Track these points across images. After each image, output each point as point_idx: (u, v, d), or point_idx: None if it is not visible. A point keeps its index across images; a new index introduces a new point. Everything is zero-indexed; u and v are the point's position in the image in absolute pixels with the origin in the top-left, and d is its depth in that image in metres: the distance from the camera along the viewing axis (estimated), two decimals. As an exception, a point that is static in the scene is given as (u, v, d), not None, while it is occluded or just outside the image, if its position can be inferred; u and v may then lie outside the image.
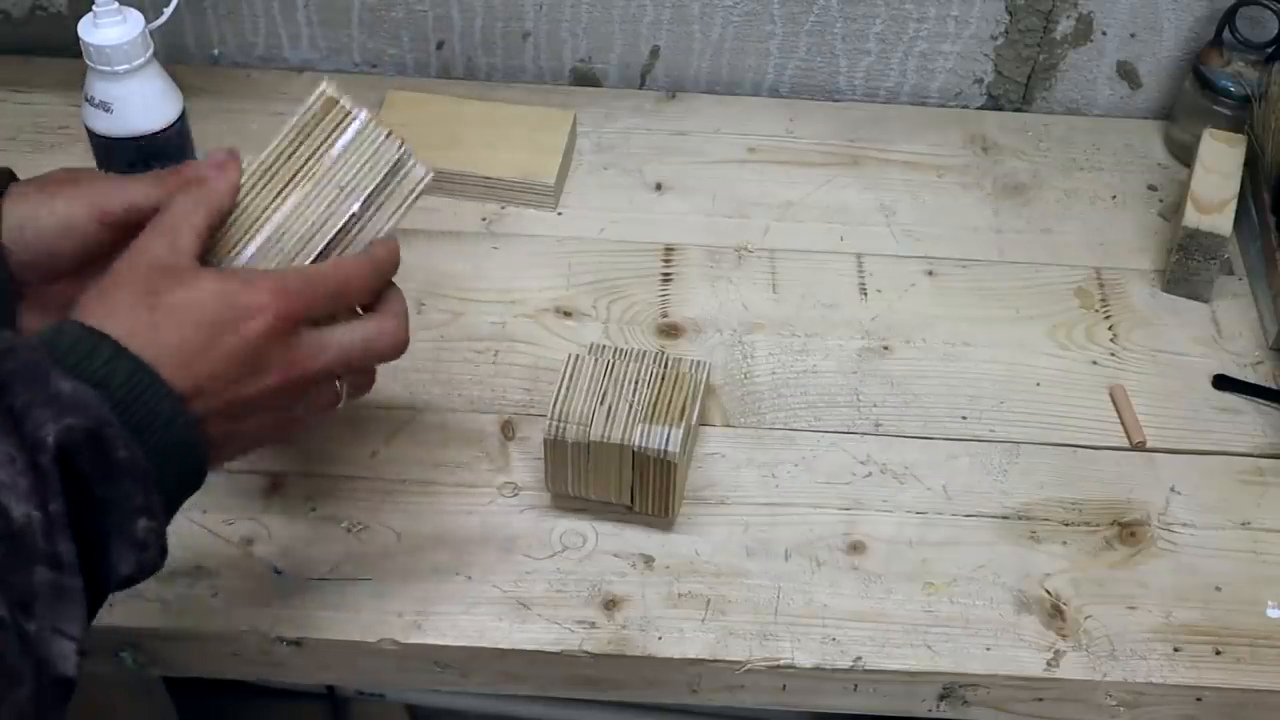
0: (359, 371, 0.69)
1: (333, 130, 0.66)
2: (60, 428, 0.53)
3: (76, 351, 0.57)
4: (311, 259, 0.66)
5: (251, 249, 0.65)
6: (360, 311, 0.67)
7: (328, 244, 0.66)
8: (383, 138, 0.66)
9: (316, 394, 0.66)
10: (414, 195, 0.68)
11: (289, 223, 0.66)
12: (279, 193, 0.65)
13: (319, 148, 0.66)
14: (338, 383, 0.67)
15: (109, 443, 0.55)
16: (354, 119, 0.66)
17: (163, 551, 0.58)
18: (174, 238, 0.62)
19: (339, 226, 0.66)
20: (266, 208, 0.65)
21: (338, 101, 0.65)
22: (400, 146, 0.67)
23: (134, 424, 0.57)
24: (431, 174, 0.68)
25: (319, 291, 0.64)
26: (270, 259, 0.65)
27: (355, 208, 0.66)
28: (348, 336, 0.65)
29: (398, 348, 0.68)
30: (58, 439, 0.53)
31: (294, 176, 0.66)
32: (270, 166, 0.65)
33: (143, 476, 0.56)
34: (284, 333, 0.62)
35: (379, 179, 0.66)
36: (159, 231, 0.63)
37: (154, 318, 0.59)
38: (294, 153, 0.65)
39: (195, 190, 0.65)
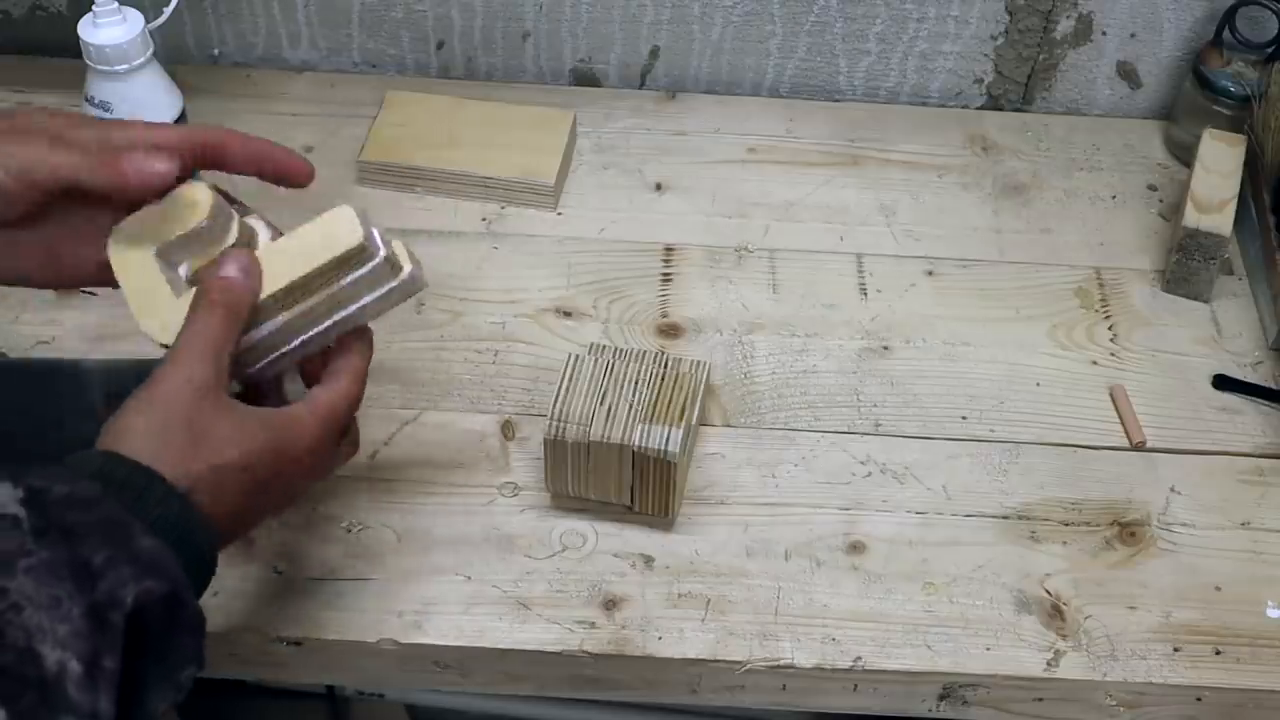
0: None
1: (352, 264, 0.67)
2: (140, 589, 0.54)
3: (152, 503, 0.58)
4: (294, 344, 0.68)
5: (252, 341, 0.67)
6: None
7: (311, 335, 0.69)
8: (391, 272, 0.68)
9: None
10: (405, 299, 0.70)
11: (289, 323, 0.68)
12: (284, 304, 0.67)
13: (334, 277, 0.67)
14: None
15: (181, 604, 0.56)
16: (373, 257, 0.67)
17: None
18: (217, 366, 0.63)
19: (325, 325, 0.69)
20: (271, 310, 0.67)
21: (365, 248, 0.67)
22: (405, 273, 0.69)
23: (196, 578, 0.60)
24: (427, 285, 0.71)
25: (348, 413, 0.69)
26: (263, 352, 0.68)
27: (349, 312, 0.69)
28: (340, 418, 0.68)
29: (356, 406, 0.70)
30: (136, 600, 0.54)
31: (303, 294, 0.67)
32: (286, 288, 0.67)
33: (199, 629, 0.58)
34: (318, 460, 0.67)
35: (378, 294, 0.69)
36: (201, 358, 0.63)
37: (218, 478, 0.62)
38: (310, 282, 0.67)
39: (227, 308, 0.65)
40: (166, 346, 0.65)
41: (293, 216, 0.69)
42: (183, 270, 0.68)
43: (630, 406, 0.78)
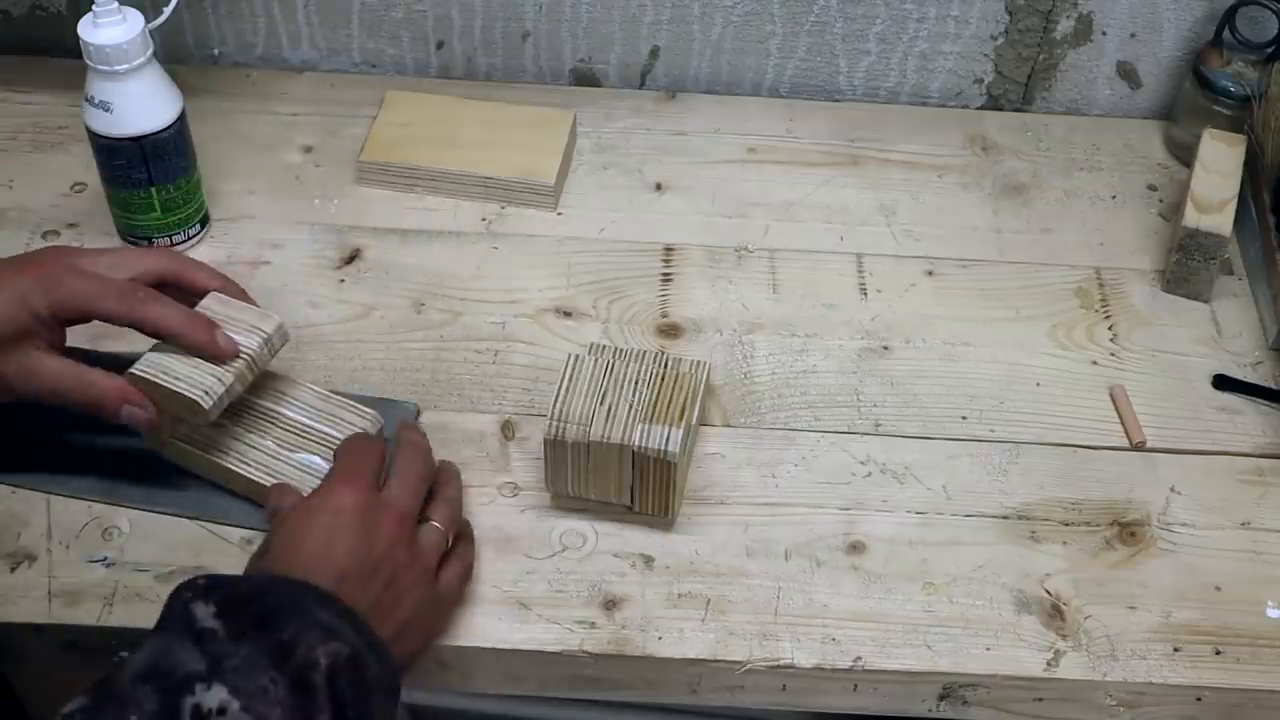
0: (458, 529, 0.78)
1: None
2: (329, 650, 0.61)
3: (312, 590, 0.64)
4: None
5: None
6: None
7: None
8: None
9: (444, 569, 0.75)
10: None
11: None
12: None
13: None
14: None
15: (365, 665, 0.62)
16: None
17: None
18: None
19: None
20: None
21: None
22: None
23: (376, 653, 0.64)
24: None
25: (420, 489, 0.75)
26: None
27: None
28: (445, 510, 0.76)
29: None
30: (328, 660, 0.61)
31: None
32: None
33: (389, 693, 0.64)
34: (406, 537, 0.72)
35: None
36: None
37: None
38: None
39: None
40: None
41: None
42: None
43: (630, 406, 0.78)
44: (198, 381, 0.76)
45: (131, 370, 0.77)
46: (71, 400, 0.76)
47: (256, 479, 0.79)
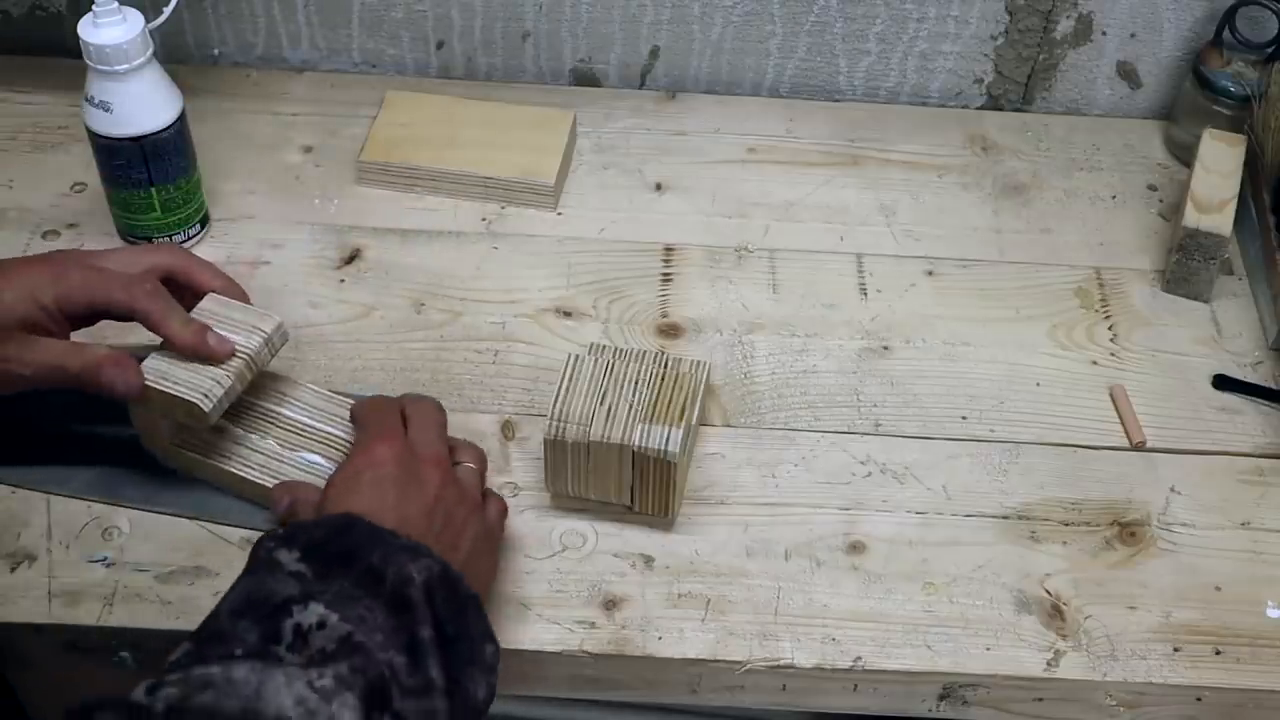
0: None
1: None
2: (420, 567, 0.63)
3: (386, 531, 0.66)
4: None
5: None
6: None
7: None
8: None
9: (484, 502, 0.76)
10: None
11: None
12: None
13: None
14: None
15: (456, 581, 0.64)
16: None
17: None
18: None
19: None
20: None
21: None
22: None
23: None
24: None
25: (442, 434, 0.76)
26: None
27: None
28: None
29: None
30: (422, 575, 0.63)
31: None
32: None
33: (480, 607, 0.65)
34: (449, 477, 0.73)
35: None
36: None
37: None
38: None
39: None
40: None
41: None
42: None
43: (630, 406, 0.78)
44: (197, 385, 0.76)
45: None
46: (66, 370, 0.75)
47: (261, 482, 0.80)
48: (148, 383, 0.76)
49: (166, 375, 0.77)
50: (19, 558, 0.78)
